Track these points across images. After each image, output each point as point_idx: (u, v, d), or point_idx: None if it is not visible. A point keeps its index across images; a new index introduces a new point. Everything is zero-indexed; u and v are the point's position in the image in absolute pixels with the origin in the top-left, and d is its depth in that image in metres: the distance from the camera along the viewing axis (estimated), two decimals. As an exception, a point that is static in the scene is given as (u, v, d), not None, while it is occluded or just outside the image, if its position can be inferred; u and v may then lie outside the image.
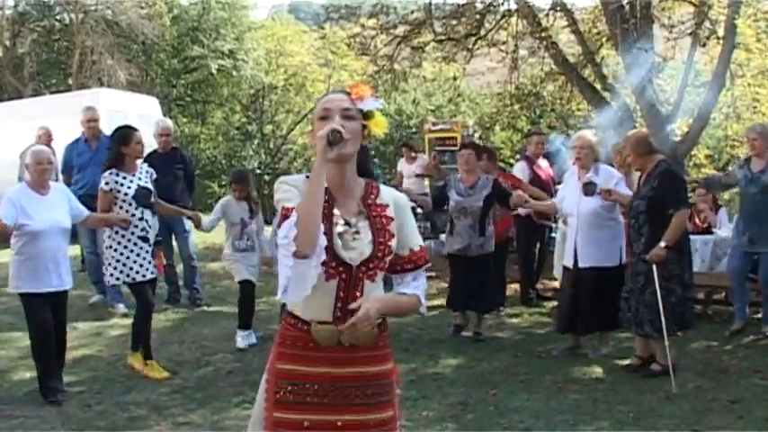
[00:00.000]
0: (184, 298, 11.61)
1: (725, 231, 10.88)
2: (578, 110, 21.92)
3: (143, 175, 8.22)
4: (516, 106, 20.84)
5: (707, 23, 14.30)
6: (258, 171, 28.66)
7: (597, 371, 8.38)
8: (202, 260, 14.97)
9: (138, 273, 8.03)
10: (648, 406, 7.20)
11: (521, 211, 10.80)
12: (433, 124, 20.10)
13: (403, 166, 16.98)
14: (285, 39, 31.72)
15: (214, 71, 29.58)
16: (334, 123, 3.40)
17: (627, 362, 8.53)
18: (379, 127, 3.59)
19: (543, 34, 16.13)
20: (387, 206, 3.61)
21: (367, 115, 3.55)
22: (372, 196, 3.61)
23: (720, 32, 14.46)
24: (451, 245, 9.75)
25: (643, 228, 8.07)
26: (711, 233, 10.91)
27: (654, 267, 7.86)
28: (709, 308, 11.43)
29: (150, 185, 8.23)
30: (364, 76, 20.56)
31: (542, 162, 12.02)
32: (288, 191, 3.44)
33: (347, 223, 3.48)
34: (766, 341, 9.43)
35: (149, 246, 8.12)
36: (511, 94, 19.68)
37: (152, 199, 8.21)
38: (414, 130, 27.63)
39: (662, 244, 7.83)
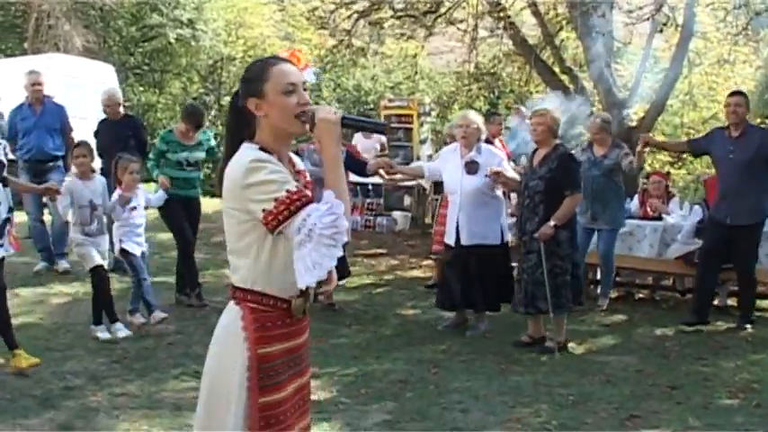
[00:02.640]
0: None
1: (675, 219, 10.92)
2: (536, 92, 21.93)
3: None
4: (474, 86, 20.86)
5: (665, 10, 14.30)
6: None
7: (541, 353, 8.37)
8: (151, 230, 14.82)
9: None
10: (589, 389, 7.20)
11: None
12: (390, 100, 20.02)
13: (359, 140, 16.65)
14: (245, 10, 31.30)
15: (172, 40, 29.15)
16: (311, 103, 3.40)
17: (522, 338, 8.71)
18: None
19: (502, 14, 16.11)
20: (306, 172, 3.67)
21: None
22: (293, 164, 3.62)
23: (679, 20, 14.50)
24: None
25: (538, 207, 8.32)
26: (661, 220, 10.93)
27: (542, 246, 8.16)
28: (657, 293, 11.49)
29: (3, 158, 7.41)
30: (323, 50, 20.46)
31: (498, 142, 12.01)
32: (278, 171, 3.29)
33: None
34: (710, 328, 9.50)
35: None
36: (469, 74, 19.66)
37: (3, 173, 7.38)
38: (371, 106, 27.47)
39: (551, 223, 8.14)
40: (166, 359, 7.78)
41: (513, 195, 10.48)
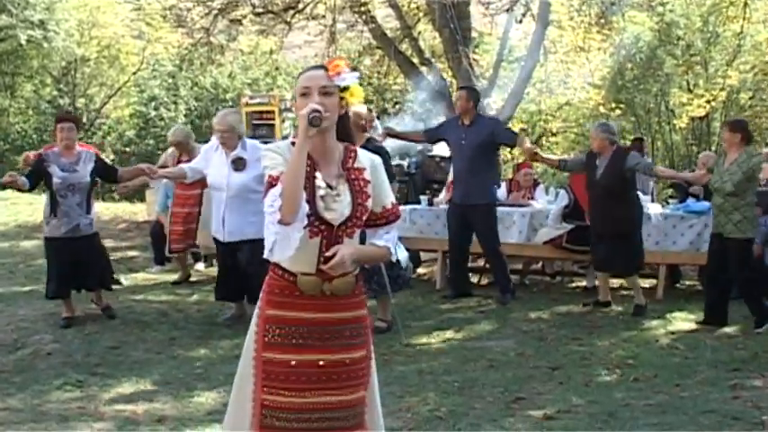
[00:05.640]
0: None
1: (541, 204, 11.21)
2: (395, 84, 22.16)
3: None
4: (334, 79, 20.87)
5: (522, 1, 14.60)
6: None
7: (421, 341, 8.49)
8: (15, 239, 14.55)
9: None
10: (473, 374, 7.33)
11: None
12: (251, 98, 19.89)
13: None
14: (98, 9, 30.73)
15: (23, 42, 28.38)
16: (314, 103, 3.70)
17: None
18: (356, 97, 3.89)
19: (362, 8, 16.20)
20: (364, 169, 3.96)
21: (343, 88, 3.83)
22: (351, 160, 3.95)
23: (535, 10, 14.81)
24: (58, 228, 9.06)
25: None
26: (528, 206, 11.19)
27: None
28: (527, 278, 11.76)
29: None
30: (180, 48, 20.20)
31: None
32: (273, 158, 3.76)
33: (329, 186, 3.82)
34: (582, 309, 9.79)
35: None
36: (328, 68, 19.67)
37: None
38: (230, 103, 27.29)
39: None
40: (47, 370, 7.57)
41: None
